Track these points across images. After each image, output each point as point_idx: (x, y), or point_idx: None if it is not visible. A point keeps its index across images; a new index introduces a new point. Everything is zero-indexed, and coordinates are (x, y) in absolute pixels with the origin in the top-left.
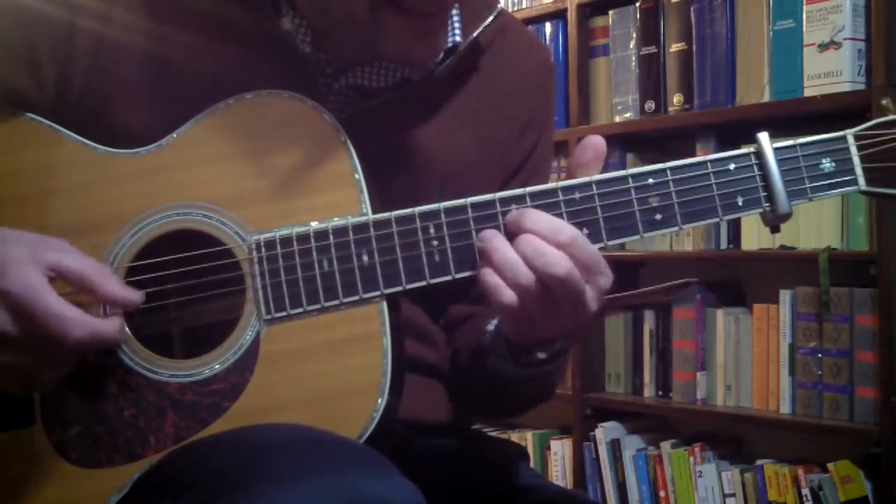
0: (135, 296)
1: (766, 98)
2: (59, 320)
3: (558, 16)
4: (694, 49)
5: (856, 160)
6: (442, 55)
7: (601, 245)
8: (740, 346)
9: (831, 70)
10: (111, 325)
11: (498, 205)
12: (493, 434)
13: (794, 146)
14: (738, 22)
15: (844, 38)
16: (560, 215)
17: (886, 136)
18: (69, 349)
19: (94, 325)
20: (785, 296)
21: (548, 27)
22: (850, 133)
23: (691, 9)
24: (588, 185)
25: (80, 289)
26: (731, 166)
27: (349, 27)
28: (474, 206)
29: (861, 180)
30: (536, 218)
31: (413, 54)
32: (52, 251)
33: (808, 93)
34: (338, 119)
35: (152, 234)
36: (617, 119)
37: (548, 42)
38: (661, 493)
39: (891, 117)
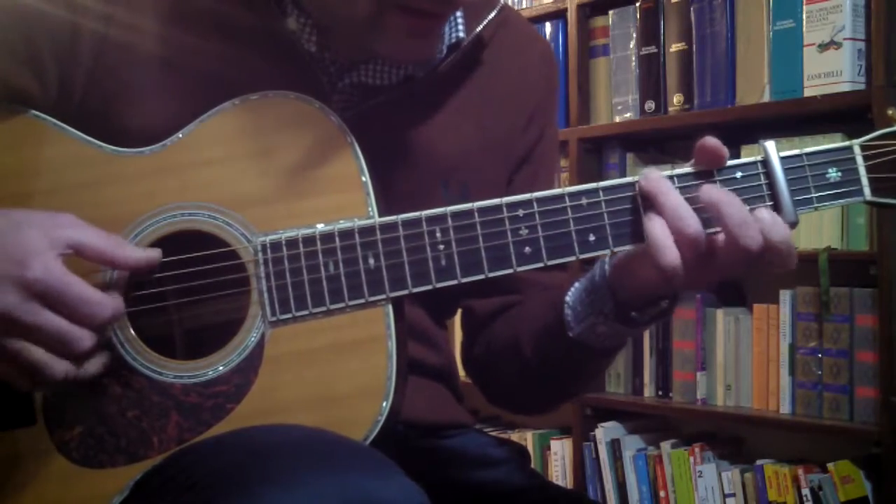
0: (153, 254)
1: (766, 98)
2: (88, 303)
3: (558, 16)
4: (694, 49)
5: (862, 170)
6: (445, 51)
7: (607, 251)
8: (740, 346)
9: (831, 70)
10: (120, 302)
11: (504, 210)
12: (494, 434)
13: (800, 155)
14: (738, 22)
15: (844, 38)
16: (567, 221)
17: (892, 147)
18: (95, 332)
19: (118, 304)
20: (785, 296)
21: (548, 27)
22: (856, 143)
23: (691, 9)
24: (595, 191)
25: (98, 262)
26: (738, 174)
27: (349, 23)
28: (481, 210)
29: (867, 190)
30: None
31: (406, 54)
32: (64, 229)
33: (808, 93)
34: (342, 118)
35: (157, 234)
36: (617, 119)
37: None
38: (661, 493)
39: None
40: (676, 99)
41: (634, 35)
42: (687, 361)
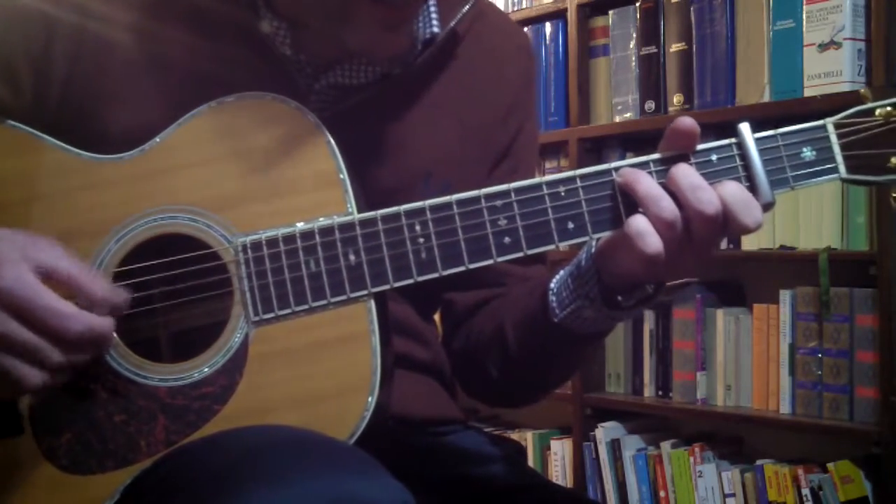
0: (122, 296)
1: (766, 98)
2: (58, 316)
3: (558, 16)
4: (694, 49)
5: (836, 148)
6: (420, 46)
7: (586, 238)
8: (740, 346)
9: (831, 70)
10: (106, 322)
11: (483, 201)
12: (490, 432)
13: (774, 136)
14: (738, 22)
15: (844, 38)
16: (545, 210)
17: (865, 124)
18: (66, 346)
19: (90, 320)
20: (785, 296)
21: (548, 27)
22: (829, 121)
23: (691, 9)
24: (572, 178)
25: (68, 290)
26: (714, 157)
27: (321, 16)
28: (459, 202)
29: (842, 168)
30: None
31: (378, 47)
32: (41, 251)
33: (808, 93)
34: (320, 118)
35: (138, 238)
36: (617, 119)
37: (548, 42)
38: (661, 493)
39: (868, 105)
40: (676, 99)
41: (634, 35)
42: (687, 361)
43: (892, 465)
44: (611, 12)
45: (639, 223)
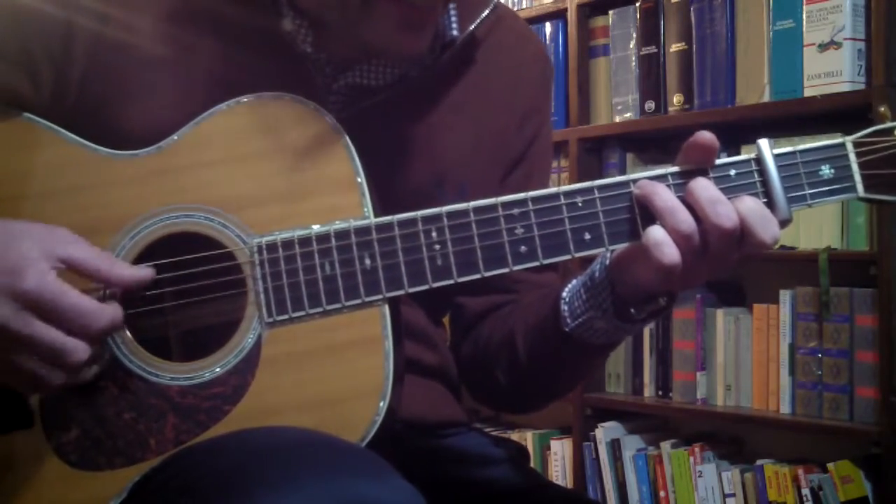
0: (145, 272)
1: (766, 98)
2: (84, 315)
3: (558, 16)
4: (694, 49)
5: (854, 167)
6: (439, 49)
7: (602, 249)
8: (740, 346)
9: (831, 70)
10: (119, 312)
11: (500, 209)
12: (493, 434)
13: (793, 153)
14: (738, 22)
15: (844, 38)
16: (562, 220)
17: (884, 143)
18: (91, 341)
19: (113, 314)
20: (785, 296)
21: (548, 27)
22: (848, 140)
23: (691, 9)
24: (590, 189)
25: (90, 278)
26: (732, 172)
27: (341, 13)
28: (476, 209)
29: (860, 187)
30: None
31: (397, 47)
32: (60, 244)
33: (808, 93)
34: (337, 118)
35: (152, 236)
36: (617, 119)
37: (548, 42)
38: (661, 493)
39: (889, 124)
40: (676, 99)
41: (634, 35)
42: (687, 361)
43: (892, 465)
44: (611, 12)
45: (657, 233)
